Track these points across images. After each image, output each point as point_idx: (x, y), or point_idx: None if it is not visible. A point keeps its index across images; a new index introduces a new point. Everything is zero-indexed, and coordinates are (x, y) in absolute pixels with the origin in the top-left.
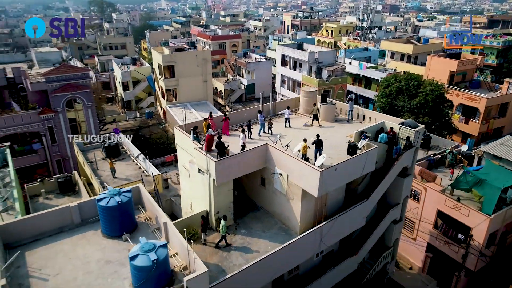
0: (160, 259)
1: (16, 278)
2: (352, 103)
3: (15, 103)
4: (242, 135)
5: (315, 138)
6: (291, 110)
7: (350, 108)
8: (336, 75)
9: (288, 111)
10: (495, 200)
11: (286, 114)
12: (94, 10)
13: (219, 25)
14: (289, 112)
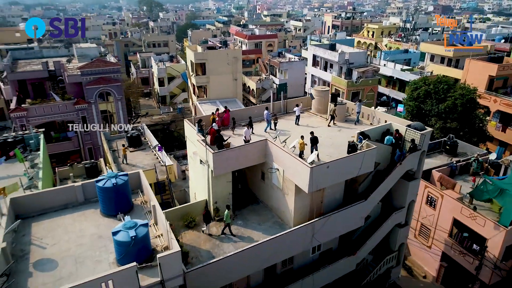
0: (138, 236)
1: (20, 244)
2: (360, 104)
3: (54, 94)
4: (246, 130)
5: (310, 136)
6: (302, 109)
7: (358, 109)
8: (367, 76)
9: (298, 108)
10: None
11: (297, 112)
12: (143, 9)
13: (257, 24)
14: (299, 109)
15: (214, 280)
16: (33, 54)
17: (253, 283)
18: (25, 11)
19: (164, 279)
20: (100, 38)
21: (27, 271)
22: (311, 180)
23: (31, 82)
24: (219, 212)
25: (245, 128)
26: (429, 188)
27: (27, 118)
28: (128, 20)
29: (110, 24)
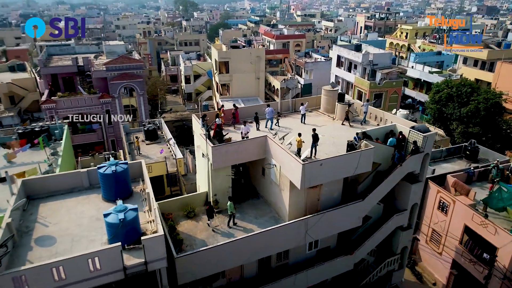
0: (127, 219)
1: (26, 222)
2: (367, 105)
3: (82, 88)
4: (243, 127)
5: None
6: (311, 108)
7: (365, 110)
8: (391, 78)
9: (304, 107)
10: None
11: (302, 110)
12: (179, 9)
13: (286, 24)
14: (304, 108)
15: (203, 268)
16: (66, 50)
17: (247, 275)
18: (70, 10)
19: (147, 260)
20: (135, 36)
21: (28, 245)
22: (303, 176)
23: (62, 77)
24: (218, 204)
25: (242, 126)
26: (441, 193)
27: (56, 110)
28: (164, 19)
29: (145, 23)
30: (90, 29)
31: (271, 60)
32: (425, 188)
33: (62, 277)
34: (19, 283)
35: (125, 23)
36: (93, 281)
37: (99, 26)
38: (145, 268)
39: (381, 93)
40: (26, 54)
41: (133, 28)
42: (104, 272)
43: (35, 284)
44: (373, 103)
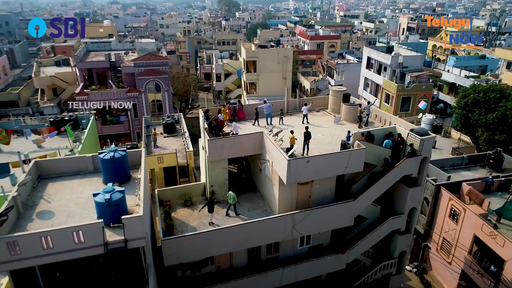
0: (112, 200)
1: (33, 197)
2: (369, 107)
3: (112, 82)
4: (234, 124)
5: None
6: (319, 108)
7: (367, 112)
8: (421, 81)
9: (306, 107)
10: None
11: (304, 111)
12: (222, 9)
13: (322, 25)
14: (307, 108)
15: (189, 252)
16: (103, 47)
17: (236, 265)
18: (122, 9)
19: (127, 238)
20: (175, 35)
21: (30, 217)
22: (289, 172)
23: (96, 71)
24: (214, 195)
25: (234, 122)
26: (453, 201)
27: (87, 101)
28: (206, 19)
29: (186, 23)
30: (134, 28)
31: (304, 60)
32: (437, 195)
33: (50, 246)
34: (12, 247)
35: (168, 22)
36: (77, 253)
37: (143, 25)
38: (125, 245)
39: (410, 97)
40: (71, 50)
41: (175, 27)
42: (87, 246)
43: (26, 250)
44: (373, 105)
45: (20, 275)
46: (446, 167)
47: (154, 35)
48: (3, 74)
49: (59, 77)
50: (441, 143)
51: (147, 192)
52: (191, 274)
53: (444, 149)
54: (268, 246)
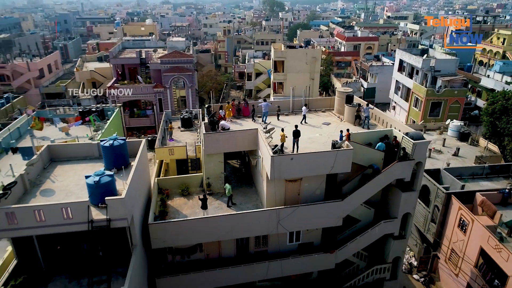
0: (101, 182)
1: (42, 177)
2: (367, 109)
3: (141, 78)
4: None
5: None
6: (325, 109)
7: (366, 114)
8: (453, 86)
9: (305, 108)
10: None
11: (304, 111)
12: (266, 9)
13: (361, 26)
14: (305, 109)
15: (175, 238)
16: (138, 44)
17: (224, 255)
18: (172, 9)
19: (110, 218)
20: (216, 34)
21: (34, 194)
22: (273, 168)
23: (128, 67)
24: (210, 187)
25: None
26: (462, 211)
27: (117, 95)
28: (249, 19)
29: (226, 22)
30: (177, 27)
31: (340, 62)
32: (448, 204)
33: (42, 219)
34: (10, 218)
35: (212, 22)
36: (66, 227)
37: (185, 24)
38: (108, 224)
39: (440, 102)
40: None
41: (217, 27)
42: (74, 221)
43: (22, 221)
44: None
45: (21, 244)
46: (465, 176)
47: (196, 34)
48: (55, 68)
49: (98, 71)
50: (466, 151)
51: (141, 179)
52: (181, 259)
53: (467, 157)
54: (256, 239)
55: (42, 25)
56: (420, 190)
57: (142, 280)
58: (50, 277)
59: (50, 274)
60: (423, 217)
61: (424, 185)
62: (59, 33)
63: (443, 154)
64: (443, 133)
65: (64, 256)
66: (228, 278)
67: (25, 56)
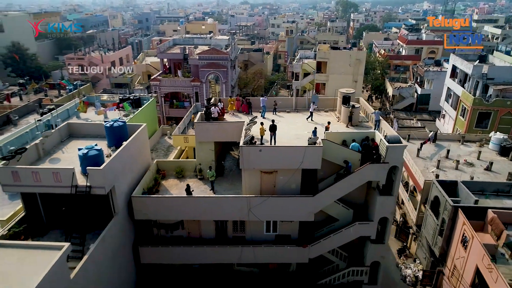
0: (88, 155)
1: (57, 148)
2: (378, 113)
3: (181, 72)
4: (212, 108)
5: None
6: (328, 109)
7: (376, 118)
8: (505, 96)
9: (313, 105)
10: None
11: (311, 108)
12: (338, 10)
13: (428, 29)
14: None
15: (155, 212)
16: (188, 42)
17: (204, 235)
18: (249, 10)
19: (90, 185)
20: (279, 34)
21: (44, 160)
22: (242, 157)
23: (173, 62)
24: (202, 172)
25: (213, 108)
26: (465, 226)
27: (159, 87)
28: (318, 20)
29: (290, 23)
30: (242, 26)
31: (398, 66)
32: (455, 218)
33: (39, 180)
34: (15, 176)
35: (279, 22)
36: (57, 189)
37: (249, 24)
38: (88, 190)
39: (489, 112)
40: None
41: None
42: (63, 185)
43: (24, 179)
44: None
45: (28, 200)
46: (487, 192)
47: (261, 33)
48: (126, 61)
49: (153, 65)
50: (503, 166)
51: (133, 157)
52: (165, 234)
53: (502, 173)
54: (234, 224)
55: (129, 22)
56: (432, 201)
57: (124, 245)
58: (48, 230)
59: (49, 227)
60: (432, 230)
61: (435, 196)
62: (139, 30)
63: (474, 167)
64: (483, 145)
65: (61, 214)
66: (204, 256)
67: (101, 50)
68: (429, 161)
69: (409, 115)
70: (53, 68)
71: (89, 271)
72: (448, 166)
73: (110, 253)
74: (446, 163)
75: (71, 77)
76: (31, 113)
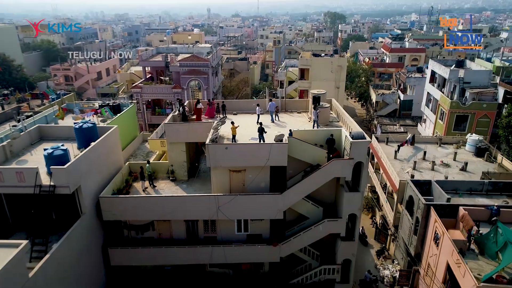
0: (53, 154)
1: (25, 150)
2: (315, 112)
3: (163, 79)
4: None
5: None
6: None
7: (313, 117)
8: (482, 99)
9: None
10: (500, 267)
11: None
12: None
13: (411, 38)
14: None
15: (124, 212)
16: (171, 50)
17: (176, 236)
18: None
19: (55, 184)
20: (266, 44)
21: (11, 162)
22: (209, 155)
23: (155, 70)
24: (174, 174)
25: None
26: (437, 223)
27: (141, 94)
28: (306, 31)
29: (277, 33)
30: (231, 37)
31: (383, 73)
32: (428, 216)
33: (2, 180)
34: None
35: (267, 33)
36: (20, 189)
37: (237, 35)
38: (53, 190)
39: (466, 115)
40: None
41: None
42: (26, 185)
43: None
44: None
45: None
46: (461, 191)
47: (250, 44)
48: (113, 71)
49: (137, 74)
50: (478, 167)
51: (102, 158)
52: (135, 235)
53: (476, 173)
54: (205, 224)
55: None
56: (407, 200)
57: (92, 247)
58: (13, 232)
59: (14, 229)
60: (408, 229)
61: (410, 196)
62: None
63: (450, 168)
64: (460, 147)
65: (27, 216)
66: (176, 257)
67: (88, 61)
68: (406, 162)
69: (392, 121)
70: (40, 79)
71: (50, 270)
72: (424, 167)
73: (76, 254)
74: (423, 164)
75: (57, 87)
76: (9, 120)
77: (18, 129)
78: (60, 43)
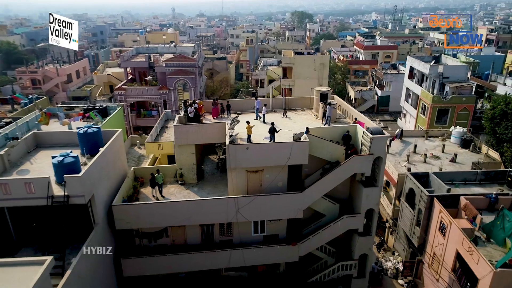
0: (63, 162)
1: (23, 159)
2: (330, 108)
3: (148, 80)
4: (189, 108)
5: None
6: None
7: (328, 114)
8: (461, 93)
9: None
10: None
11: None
12: (293, 20)
13: (382, 36)
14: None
15: (138, 220)
16: (152, 50)
17: (190, 242)
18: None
19: (68, 194)
20: (239, 44)
21: (11, 172)
22: (229, 156)
23: (138, 70)
24: (183, 177)
25: (189, 108)
26: (442, 213)
27: (125, 96)
28: (276, 30)
29: (249, 32)
30: (202, 37)
31: (357, 70)
32: (431, 208)
33: (9, 192)
34: None
35: (238, 32)
36: (30, 201)
37: (210, 34)
38: (66, 200)
39: (447, 109)
40: None
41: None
42: (37, 196)
43: None
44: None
45: None
46: (456, 181)
47: (222, 44)
48: (83, 74)
49: (115, 75)
50: (466, 158)
51: (110, 164)
52: (148, 243)
53: (466, 164)
54: (221, 228)
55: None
56: (407, 193)
57: (105, 258)
58: (19, 248)
59: (19, 245)
60: (409, 221)
61: (410, 189)
62: (93, 42)
63: (441, 160)
64: (445, 140)
65: (33, 230)
66: (192, 264)
67: (56, 63)
68: (398, 156)
69: (371, 117)
70: (2, 83)
71: (72, 286)
72: (417, 160)
73: (92, 266)
74: (415, 157)
75: (23, 91)
76: None
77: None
78: (21, 44)
